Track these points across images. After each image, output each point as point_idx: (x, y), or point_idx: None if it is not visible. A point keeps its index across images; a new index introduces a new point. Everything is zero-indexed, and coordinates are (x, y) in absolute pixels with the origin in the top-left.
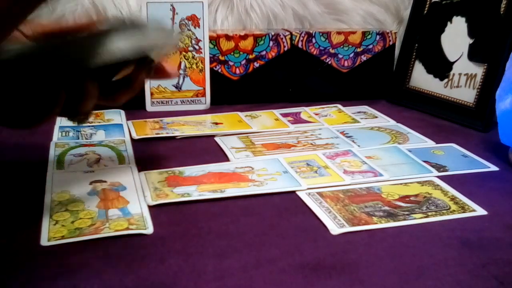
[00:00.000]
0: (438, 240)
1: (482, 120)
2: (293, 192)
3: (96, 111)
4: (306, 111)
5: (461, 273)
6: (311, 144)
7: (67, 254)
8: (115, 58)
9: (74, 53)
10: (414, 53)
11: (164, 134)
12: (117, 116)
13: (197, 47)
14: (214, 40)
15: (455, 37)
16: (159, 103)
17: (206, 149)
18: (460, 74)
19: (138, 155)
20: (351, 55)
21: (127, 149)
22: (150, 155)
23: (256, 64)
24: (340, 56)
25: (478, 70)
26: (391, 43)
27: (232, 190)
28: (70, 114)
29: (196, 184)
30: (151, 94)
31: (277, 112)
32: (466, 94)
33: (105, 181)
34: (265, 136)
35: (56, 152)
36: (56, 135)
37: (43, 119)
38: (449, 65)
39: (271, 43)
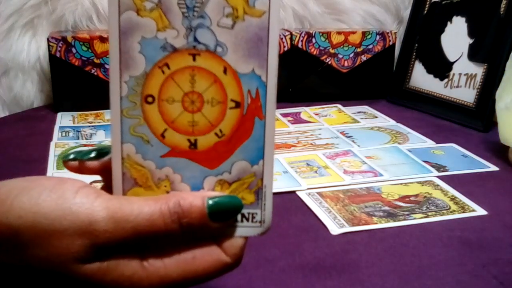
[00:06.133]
0: (438, 240)
1: (482, 120)
2: (293, 192)
3: (96, 111)
4: (306, 111)
5: (461, 273)
6: (311, 144)
7: None
8: None
9: None
10: (414, 53)
11: None
12: None
13: None
14: None
15: (455, 37)
16: None
17: None
18: (460, 74)
19: None
20: (351, 55)
21: None
22: None
23: None
24: (340, 56)
25: (478, 70)
26: (391, 43)
27: None
28: None
29: None
30: None
31: (277, 112)
32: (466, 94)
33: None
34: None
35: (56, 152)
36: (56, 135)
37: None
38: (449, 65)
39: None
